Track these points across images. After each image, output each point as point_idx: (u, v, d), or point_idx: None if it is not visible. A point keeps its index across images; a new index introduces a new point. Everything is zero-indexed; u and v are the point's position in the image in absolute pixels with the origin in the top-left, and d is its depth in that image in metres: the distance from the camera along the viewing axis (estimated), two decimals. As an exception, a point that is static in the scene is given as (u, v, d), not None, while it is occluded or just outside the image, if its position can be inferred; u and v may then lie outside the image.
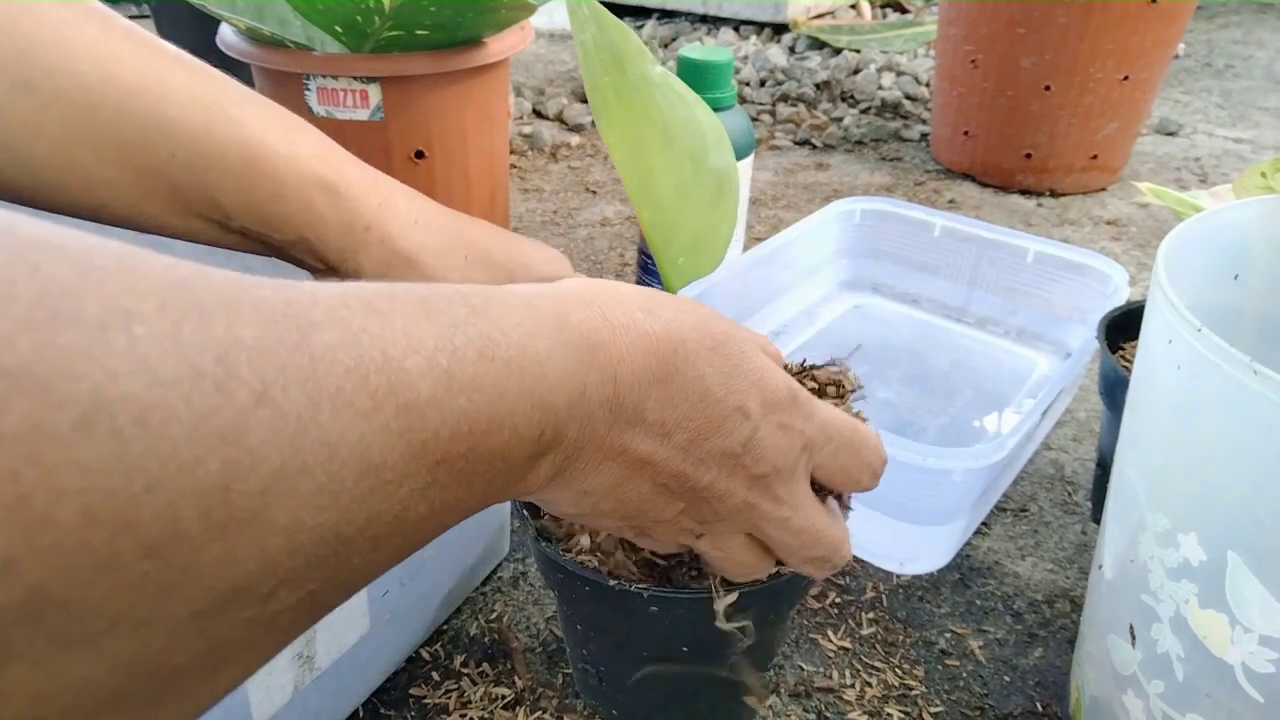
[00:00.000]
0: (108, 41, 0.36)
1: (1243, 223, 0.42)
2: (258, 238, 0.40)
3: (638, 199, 0.37)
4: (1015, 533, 0.60)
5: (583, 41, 0.34)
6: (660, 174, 0.37)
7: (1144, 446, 0.37)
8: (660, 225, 0.38)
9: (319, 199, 0.39)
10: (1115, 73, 1.04)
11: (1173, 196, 0.57)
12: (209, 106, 0.37)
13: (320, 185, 0.39)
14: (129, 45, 0.36)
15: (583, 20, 0.34)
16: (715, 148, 0.38)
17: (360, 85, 0.69)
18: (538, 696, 0.48)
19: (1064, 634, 0.53)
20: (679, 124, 0.37)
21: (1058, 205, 1.10)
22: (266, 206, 0.39)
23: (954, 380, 0.74)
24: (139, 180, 0.37)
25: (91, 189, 0.37)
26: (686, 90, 0.37)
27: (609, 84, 0.34)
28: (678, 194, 0.38)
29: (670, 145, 0.37)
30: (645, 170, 0.37)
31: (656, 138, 0.36)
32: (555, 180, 1.16)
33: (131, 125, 0.36)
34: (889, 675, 0.50)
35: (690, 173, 0.38)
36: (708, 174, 0.38)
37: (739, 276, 0.74)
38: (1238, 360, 0.30)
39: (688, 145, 0.37)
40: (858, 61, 1.53)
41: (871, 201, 0.84)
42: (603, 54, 0.34)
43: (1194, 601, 0.34)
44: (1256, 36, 1.84)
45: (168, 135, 0.37)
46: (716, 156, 0.38)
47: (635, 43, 0.35)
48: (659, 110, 0.36)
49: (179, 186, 0.38)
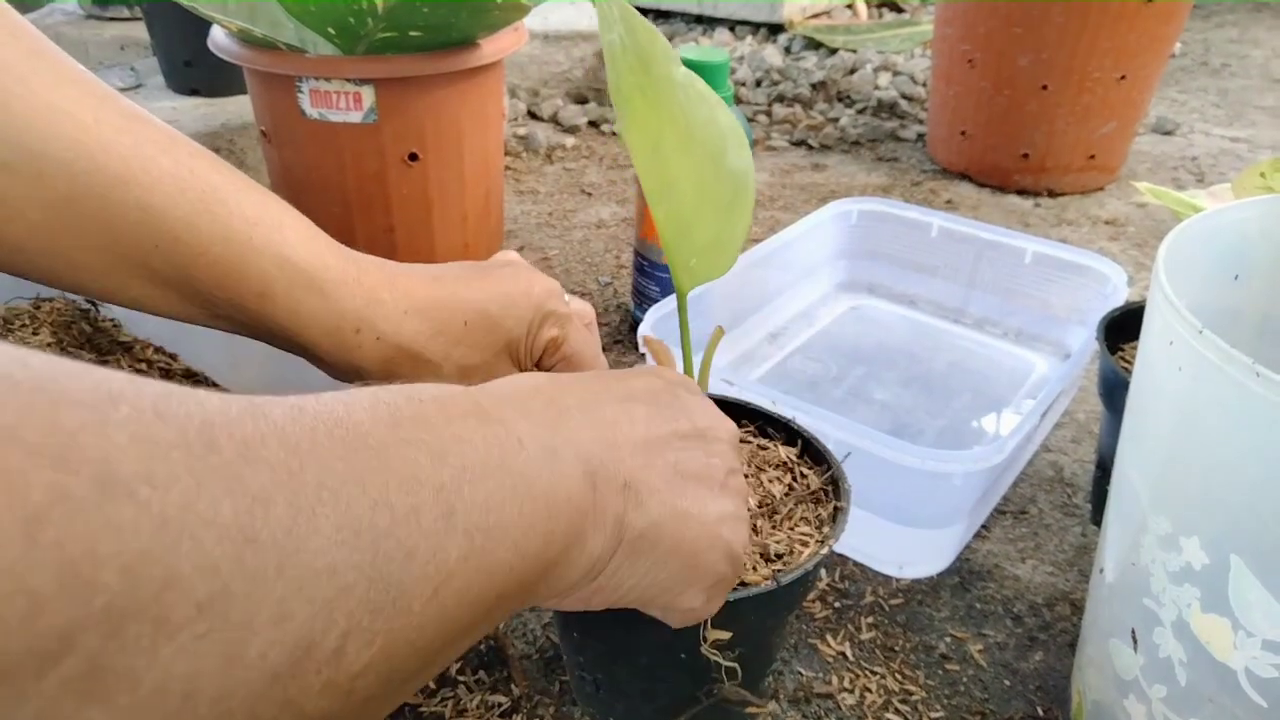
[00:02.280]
0: (99, 128, 0.35)
1: (1242, 223, 0.42)
2: (245, 329, 0.40)
3: (655, 200, 0.37)
4: (1015, 535, 0.60)
5: (609, 41, 0.34)
6: (680, 174, 0.37)
7: (1145, 449, 0.37)
8: (676, 227, 0.38)
9: (306, 301, 0.39)
10: (1112, 72, 1.03)
11: (1171, 196, 0.57)
12: (195, 200, 0.36)
13: (307, 287, 0.39)
14: (120, 132, 0.35)
15: (611, 20, 0.33)
16: (735, 149, 0.38)
17: (353, 87, 0.69)
18: (535, 704, 0.47)
19: (1065, 638, 0.52)
20: (700, 125, 0.37)
21: (1055, 205, 1.10)
22: (253, 306, 0.38)
23: (952, 382, 0.74)
24: (121, 265, 0.37)
25: (73, 270, 0.37)
26: (709, 91, 0.37)
27: (634, 84, 0.34)
28: (697, 195, 0.38)
29: (691, 146, 0.37)
30: (665, 170, 0.36)
31: (678, 138, 0.36)
32: (550, 182, 1.15)
33: (115, 216, 0.35)
34: (889, 680, 0.49)
35: (710, 173, 0.38)
36: (726, 175, 0.38)
37: (736, 278, 0.73)
38: (1240, 362, 0.30)
39: (708, 146, 0.37)
40: (854, 61, 1.53)
41: (868, 202, 0.84)
42: (629, 55, 0.34)
43: (1196, 606, 0.34)
44: (1252, 35, 1.84)
45: (152, 229, 0.36)
46: (735, 158, 0.38)
47: (662, 43, 0.35)
48: (681, 111, 0.36)
49: (164, 276, 0.37)
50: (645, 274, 0.79)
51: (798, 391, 0.72)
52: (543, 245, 0.99)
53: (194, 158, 0.37)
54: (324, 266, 0.39)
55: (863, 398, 0.71)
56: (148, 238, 0.36)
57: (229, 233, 0.37)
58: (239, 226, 0.37)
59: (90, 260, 0.36)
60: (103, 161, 0.35)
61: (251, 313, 0.39)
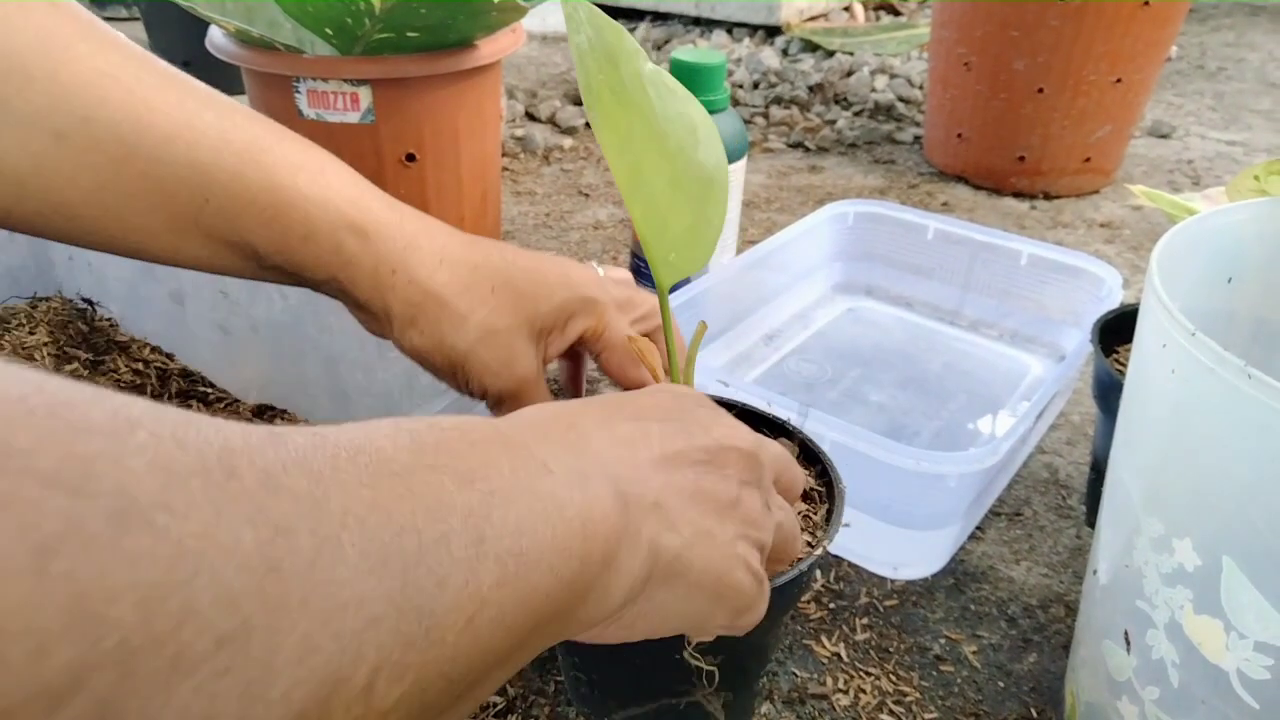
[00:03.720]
0: (142, 89, 0.35)
1: (1236, 226, 0.42)
2: (291, 276, 0.41)
3: (629, 196, 0.37)
4: (1009, 537, 0.60)
5: (578, 44, 0.34)
6: (651, 169, 0.37)
7: (1138, 451, 0.37)
8: (651, 221, 0.38)
9: (349, 242, 0.40)
10: (1108, 75, 1.04)
11: (1165, 199, 0.57)
12: (240, 151, 0.37)
13: (350, 228, 0.39)
14: (163, 91, 0.36)
15: (578, 23, 0.34)
16: (705, 142, 0.38)
17: (351, 88, 0.69)
18: (529, 704, 0.48)
19: (1059, 639, 0.52)
20: (671, 119, 0.37)
21: (1051, 208, 1.10)
22: (298, 249, 0.39)
23: (948, 383, 0.74)
24: (173, 224, 0.38)
25: (126, 234, 0.37)
26: (678, 86, 0.37)
27: (603, 82, 0.34)
28: (670, 188, 0.38)
29: (662, 140, 0.37)
30: (636, 166, 0.37)
31: (648, 133, 0.36)
32: (548, 183, 1.15)
33: (164, 174, 0.36)
34: (883, 682, 0.49)
35: (681, 167, 0.38)
36: (698, 166, 0.38)
37: (732, 280, 0.73)
38: (1232, 365, 0.30)
39: (679, 140, 0.38)
40: (851, 64, 1.53)
41: (865, 204, 0.84)
42: (597, 54, 0.34)
43: (1189, 607, 0.34)
44: (1249, 39, 1.84)
45: (201, 183, 0.37)
46: (706, 151, 0.38)
47: (629, 41, 0.35)
48: (651, 105, 0.36)
49: (213, 231, 0.38)
50: (642, 275, 0.79)
51: (794, 393, 0.72)
52: (539, 246, 0.99)
53: (235, 111, 0.38)
54: (366, 209, 0.40)
55: (859, 399, 0.71)
56: (198, 192, 0.37)
57: (274, 180, 0.38)
58: (284, 172, 0.38)
59: (143, 222, 0.37)
60: (150, 121, 0.35)
61: (297, 258, 0.39)
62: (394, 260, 0.40)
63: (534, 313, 0.43)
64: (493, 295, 0.42)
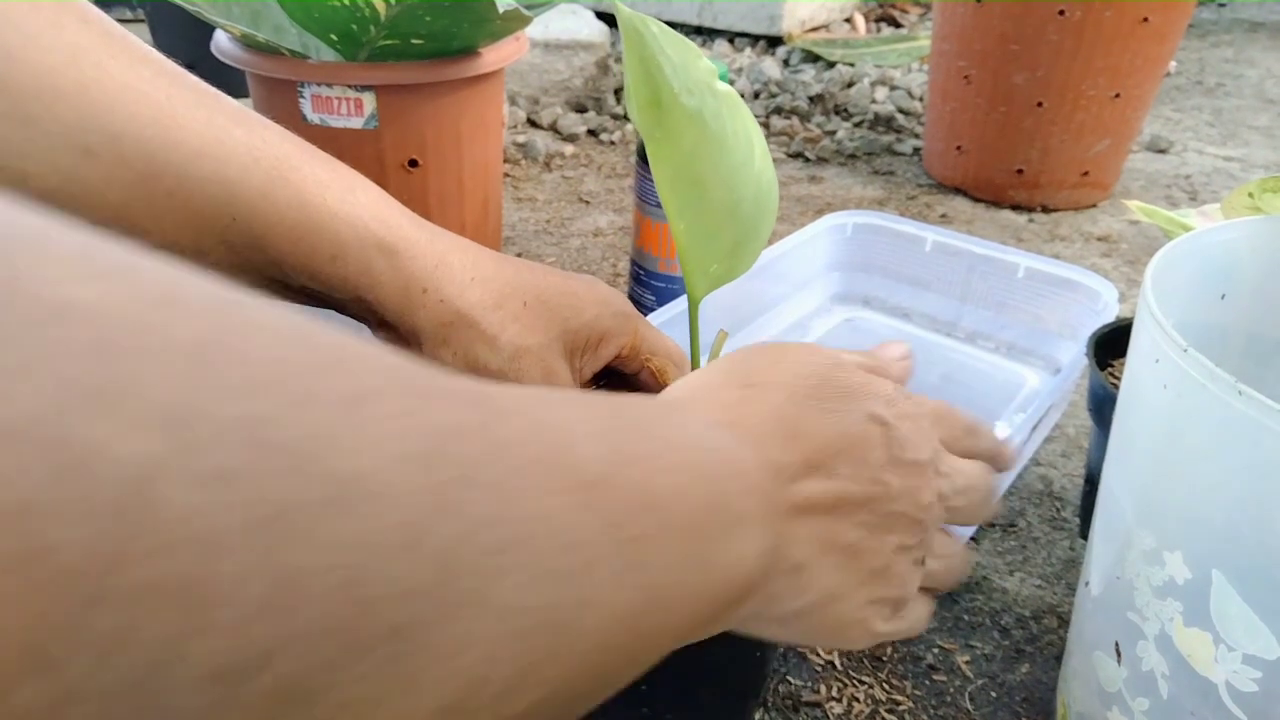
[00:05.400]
0: (172, 105, 0.35)
1: (1230, 242, 0.42)
2: (315, 298, 0.40)
3: (679, 208, 0.38)
4: (1004, 548, 0.60)
5: (643, 58, 0.34)
6: (712, 183, 0.38)
7: (1130, 464, 0.37)
8: (698, 234, 0.39)
9: (377, 261, 0.39)
10: (1107, 90, 1.04)
11: (1161, 215, 0.58)
12: (269, 168, 0.37)
13: (379, 247, 0.39)
14: (192, 108, 0.36)
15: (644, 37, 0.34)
16: (761, 157, 0.40)
17: (354, 93, 0.69)
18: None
19: (1051, 650, 0.53)
20: (734, 135, 0.38)
21: (1049, 221, 1.11)
22: (326, 269, 0.39)
23: (944, 394, 0.74)
24: (199, 242, 0.37)
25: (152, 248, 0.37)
26: (740, 102, 0.39)
27: (671, 96, 0.35)
28: (726, 201, 0.39)
29: (725, 155, 0.38)
30: (698, 180, 0.38)
31: (711, 148, 0.38)
32: (549, 190, 1.16)
33: (193, 191, 0.36)
34: (876, 690, 0.50)
35: (740, 181, 0.39)
36: (753, 183, 0.40)
37: (731, 289, 0.74)
38: (1223, 380, 0.30)
39: (741, 155, 0.39)
40: (851, 75, 1.54)
41: (863, 215, 0.85)
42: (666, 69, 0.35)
43: (1179, 619, 0.34)
44: (1247, 55, 1.85)
45: (228, 201, 0.36)
46: (762, 165, 0.40)
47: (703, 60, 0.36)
48: (721, 121, 0.37)
49: (239, 249, 0.38)
50: (641, 283, 0.79)
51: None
52: (540, 253, 0.99)
53: (265, 127, 0.38)
54: (396, 226, 0.40)
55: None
56: (225, 210, 0.36)
57: (303, 198, 0.37)
58: (313, 190, 0.38)
59: (169, 239, 0.36)
60: (179, 138, 0.35)
61: (324, 277, 0.39)
62: (424, 279, 0.40)
63: (566, 329, 0.42)
64: (525, 311, 0.41)
